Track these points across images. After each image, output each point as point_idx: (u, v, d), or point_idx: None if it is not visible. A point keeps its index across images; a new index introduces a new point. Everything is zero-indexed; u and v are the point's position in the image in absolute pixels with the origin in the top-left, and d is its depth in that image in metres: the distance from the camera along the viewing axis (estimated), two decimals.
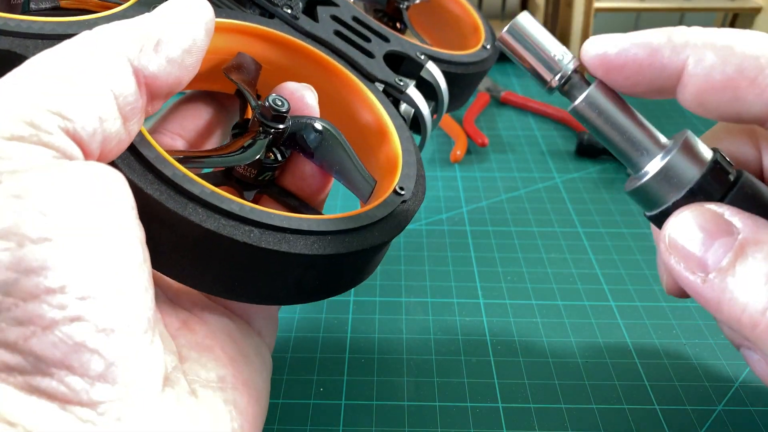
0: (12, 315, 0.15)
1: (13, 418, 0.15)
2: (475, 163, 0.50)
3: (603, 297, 0.36)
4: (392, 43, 0.33)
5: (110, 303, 0.17)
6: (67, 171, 0.17)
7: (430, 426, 0.29)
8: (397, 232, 0.26)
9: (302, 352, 0.33)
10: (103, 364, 0.16)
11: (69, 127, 0.17)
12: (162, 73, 0.20)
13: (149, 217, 0.20)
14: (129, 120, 0.20)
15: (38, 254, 0.15)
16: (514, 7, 0.73)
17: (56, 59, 0.18)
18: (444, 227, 0.42)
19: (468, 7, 0.42)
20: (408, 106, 0.32)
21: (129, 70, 0.19)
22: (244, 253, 0.22)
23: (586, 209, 0.45)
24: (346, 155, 0.26)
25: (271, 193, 0.28)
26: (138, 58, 0.20)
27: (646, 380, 0.31)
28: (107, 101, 0.19)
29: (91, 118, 0.18)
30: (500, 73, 0.66)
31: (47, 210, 0.16)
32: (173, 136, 0.29)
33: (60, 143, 0.17)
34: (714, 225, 0.19)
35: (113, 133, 0.19)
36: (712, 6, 0.65)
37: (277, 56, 0.30)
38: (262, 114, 0.26)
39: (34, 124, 0.17)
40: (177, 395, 0.19)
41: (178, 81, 0.21)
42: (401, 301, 0.36)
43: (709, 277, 0.19)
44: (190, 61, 0.21)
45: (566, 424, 0.29)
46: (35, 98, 0.17)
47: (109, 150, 0.19)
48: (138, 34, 0.20)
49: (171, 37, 0.21)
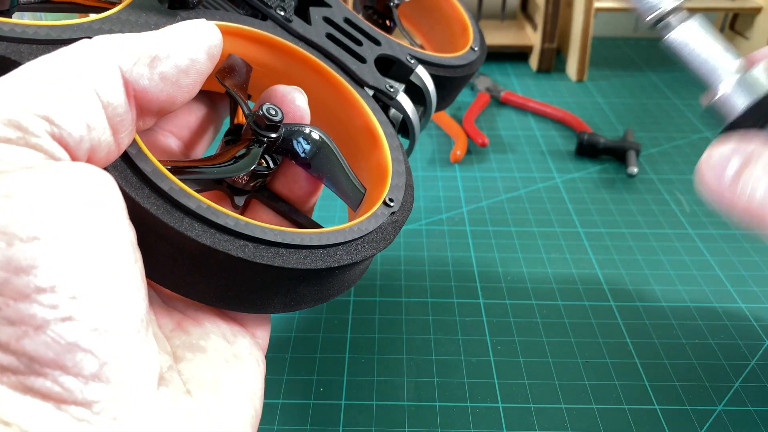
0: (3, 315, 0.15)
1: (9, 418, 0.15)
2: (475, 163, 0.50)
3: (603, 297, 0.36)
4: (383, 47, 0.34)
5: (102, 302, 0.17)
6: (55, 171, 0.17)
7: (430, 426, 0.29)
8: (386, 244, 0.26)
9: (302, 352, 0.33)
10: (97, 363, 0.16)
11: (55, 132, 0.17)
12: (153, 89, 0.20)
13: (145, 230, 0.21)
14: (119, 132, 0.20)
15: (28, 253, 0.15)
16: (514, 7, 0.73)
17: (48, 65, 0.19)
18: (444, 227, 0.42)
19: (458, 7, 0.42)
20: (397, 112, 0.33)
21: (119, 81, 0.19)
22: (238, 267, 0.22)
23: (586, 209, 0.45)
24: (338, 163, 0.27)
25: (262, 198, 0.28)
26: (131, 70, 0.20)
27: (646, 380, 0.31)
28: (95, 109, 0.19)
29: (79, 124, 0.18)
30: (500, 73, 0.66)
31: (36, 209, 0.16)
32: (165, 134, 0.29)
33: (47, 146, 0.17)
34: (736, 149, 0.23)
35: (102, 143, 0.19)
36: (712, 6, 0.65)
37: (269, 59, 0.30)
38: (256, 123, 0.26)
39: (21, 127, 0.17)
40: (172, 394, 0.19)
41: (170, 99, 0.21)
42: (401, 301, 0.36)
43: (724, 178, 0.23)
44: (186, 81, 0.21)
45: (566, 424, 0.29)
46: (22, 101, 0.17)
47: (97, 160, 0.19)
48: (135, 47, 0.20)
49: (168, 54, 0.21)
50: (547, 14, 0.62)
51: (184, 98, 0.22)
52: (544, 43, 0.64)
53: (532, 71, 0.66)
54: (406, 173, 0.29)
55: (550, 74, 0.66)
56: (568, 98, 0.61)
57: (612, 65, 0.69)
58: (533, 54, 0.67)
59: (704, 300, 0.36)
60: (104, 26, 0.24)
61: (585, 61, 0.63)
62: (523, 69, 0.67)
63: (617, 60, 0.70)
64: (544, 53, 0.65)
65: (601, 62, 0.69)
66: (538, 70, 0.66)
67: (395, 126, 0.33)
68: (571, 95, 0.61)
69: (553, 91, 0.62)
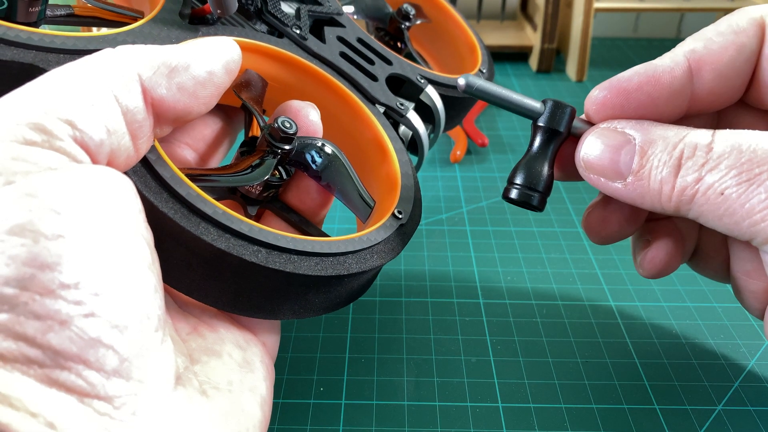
0: (30, 309, 0.16)
1: (35, 409, 0.15)
2: (475, 163, 0.50)
3: (603, 297, 0.36)
4: (394, 66, 0.35)
5: (122, 300, 0.17)
6: (78, 173, 0.17)
7: (430, 426, 0.29)
8: (394, 255, 0.27)
9: (302, 352, 0.33)
10: (118, 359, 0.17)
11: (77, 135, 0.18)
12: (170, 99, 0.21)
13: (163, 234, 0.21)
14: (137, 138, 0.20)
15: (53, 250, 0.16)
16: (514, 8, 0.73)
17: (71, 72, 0.19)
18: (444, 227, 0.43)
19: (467, 30, 0.43)
20: (407, 129, 0.33)
21: (138, 88, 0.20)
22: (251, 271, 0.23)
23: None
24: (349, 177, 0.28)
25: (274, 208, 0.29)
26: (150, 78, 0.20)
27: (646, 380, 0.31)
28: (115, 114, 0.19)
29: (99, 129, 0.19)
30: (500, 73, 0.66)
31: (60, 208, 0.16)
32: (182, 145, 0.30)
33: (70, 149, 0.18)
34: (614, 139, 0.24)
35: (121, 148, 0.20)
36: (712, 6, 0.65)
37: (284, 75, 0.31)
38: (271, 135, 0.26)
39: (46, 130, 0.18)
40: (189, 394, 0.20)
41: (186, 109, 0.22)
42: (401, 301, 0.36)
43: (627, 180, 0.24)
44: (203, 93, 0.22)
45: (566, 424, 0.29)
46: (47, 106, 0.18)
47: (117, 164, 0.20)
48: (155, 57, 0.21)
49: (187, 66, 0.21)
50: (547, 14, 0.62)
51: (200, 110, 0.23)
52: (543, 44, 0.64)
53: (532, 71, 0.66)
54: (415, 187, 0.30)
55: (550, 74, 0.66)
56: (568, 98, 0.61)
57: (612, 65, 0.69)
58: (533, 54, 0.67)
59: (704, 300, 0.36)
60: (128, 39, 0.25)
61: (585, 61, 0.63)
62: (523, 69, 0.67)
63: (617, 60, 0.70)
64: (544, 53, 0.65)
65: (601, 62, 0.69)
66: (537, 70, 0.66)
67: (405, 143, 0.33)
68: (571, 95, 0.61)
69: (553, 91, 0.62)
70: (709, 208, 0.22)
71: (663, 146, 0.23)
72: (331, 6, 0.35)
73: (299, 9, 0.33)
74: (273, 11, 0.32)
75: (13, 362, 0.15)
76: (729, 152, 0.22)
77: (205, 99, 0.22)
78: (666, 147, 0.23)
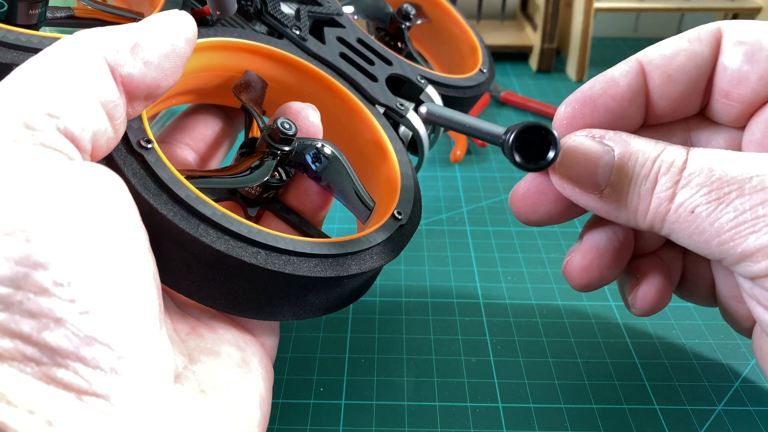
0: (25, 307, 0.16)
1: (33, 407, 0.15)
2: (475, 163, 0.50)
3: (603, 297, 0.36)
4: (395, 66, 0.35)
5: (117, 298, 0.17)
6: (69, 171, 0.17)
7: (430, 426, 0.29)
8: (394, 255, 0.27)
9: (302, 352, 0.33)
10: (114, 356, 0.17)
11: (60, 125, 0.18)
12: (138, 75, 0.21)
13: (162, 236, 0.21)
14: (114, 118, 0.20)
15: (45, 249, 0.16)
16: (514, 8, 0.73)
17: (40, 64, 0.19)
18: (444, 227, 0.43)
19: (468, 30, 0.43)
20: (407, 129, 0.33)
21: (106, 69, 0.20)
22: (250, 273, 0.23)
23: None
24: (348, 178, 0.28)
25: (274, 209, 0.29)
26: (114, 58, 0.20)
27: (646, 380, 0.31)
28: (91, 98, 0.19)
29: (78, 115, 0.19)
30: (500, 73, 0.66)
31: (51, 207, 0.16)
32: (182, 146, 0.30)
33: (56, 142, 0.18)
34: (593, 148, 0.24)
35: (101, 131, 0.20)
36: (712, 6, 0.65)
37: (284, 76, 0.31)
38: (270, 136, 0.26)
39: (30, 126, 0.18)
40: (187, 393, 0.20)
41: (155, 83, 0.22)
42: (401, 301, 0.36)
43: (604, 192, 0.23)
44: (168, 65, 0.22)
45: (566, 424, 0.29)
46: (27, 102, 0.18)
47: (99, 147, 0.20)
48: (116, 37, 0.21)
49: (148, 41, 0.21)
50: (547, 14, 0.62)
51: (167, 82, 0.22)
52: (543, 44, 0.64)
53: (532, 71, 0.66)
54: (415, 188, 0.30)
55: (550, 74, 0.66)
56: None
57: (612, 65, 0.68)
58: (533, 54, 0.67)
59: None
60: None
61: (585, 61, 0.63)
62: (523, 69, 0.67)
63: (617, 60, 0.69)
64: (544, 53, 0.65)
65: (601, 62, 0.69)
66: (538, 70, 0.66)
67: (405, 143, 0.33)
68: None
69: (553, 91, 0.62)
70: (680, 226, 0.22)
71: (642, 160, 0.23)
72: (331, 6, 0.35)
73: (299, 10, 0.33)
74: (272, 12, 0.32)
75: (10, 360, 0.15)
76: (700, 170, 0.22)
77: (170, 70, 0.22)
78: (645, 161, 0.23)
